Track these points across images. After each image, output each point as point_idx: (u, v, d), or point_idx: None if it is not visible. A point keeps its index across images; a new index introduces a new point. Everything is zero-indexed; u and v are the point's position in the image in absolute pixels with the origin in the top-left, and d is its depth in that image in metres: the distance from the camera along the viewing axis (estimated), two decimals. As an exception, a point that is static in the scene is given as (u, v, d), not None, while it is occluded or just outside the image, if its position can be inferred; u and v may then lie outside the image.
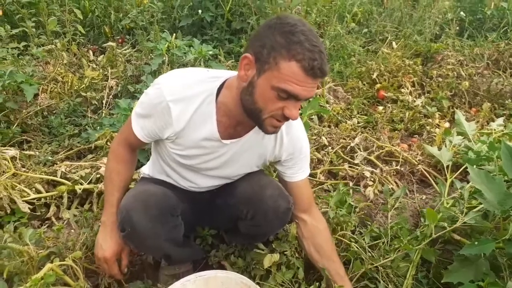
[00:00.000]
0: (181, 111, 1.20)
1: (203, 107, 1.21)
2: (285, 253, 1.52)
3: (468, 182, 1.82)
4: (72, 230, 1.73)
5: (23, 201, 1.76)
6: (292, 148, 1.37)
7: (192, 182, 1.44)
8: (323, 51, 1.05)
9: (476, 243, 1.34)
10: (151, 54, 3.00)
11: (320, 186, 2.08)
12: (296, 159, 1.41)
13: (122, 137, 1.40)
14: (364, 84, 3.17)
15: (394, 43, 3.66)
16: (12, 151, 2.09)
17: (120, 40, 3.64)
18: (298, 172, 1.43)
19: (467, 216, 1.44)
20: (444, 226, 1.48)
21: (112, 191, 1.39)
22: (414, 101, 2.90)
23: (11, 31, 3.02)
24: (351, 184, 2.12)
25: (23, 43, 3.10)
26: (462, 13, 4.47)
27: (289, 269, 1.50)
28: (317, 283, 1.40)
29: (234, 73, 1.23)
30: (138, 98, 2.47)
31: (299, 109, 1.42)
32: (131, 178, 1.47)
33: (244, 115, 1.19)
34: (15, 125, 2.42)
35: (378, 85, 3.10)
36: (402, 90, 3.05)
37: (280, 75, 1.04)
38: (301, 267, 1.51)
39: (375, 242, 1.60)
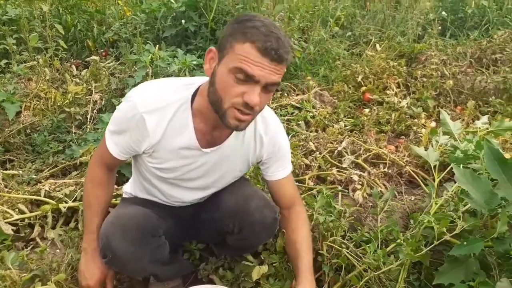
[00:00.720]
0: (156, 122, 1.19)
1: (179, 115, 1.20)
2: (273, 264, 1.50)
3: (455, 182, 1.82)
4: (58, 250, 1.69)
5: (6, 222, 1.71)
6: (272, 147, 1.36)
7: (174, 197, 1.42)
8: (282, 38, 1.06)
9: (465, 243, 1.34)
10: (134, 67, 2.98)
11: (309, 192, 2.07)
12: (276, 157, 1.39)
13: (98, 156, 1.37)
14: (349, 88, 3.17)
15: (378, 45, 3.69)
16: (-6, 172, 2.05)
17: (103, 54, 3.61)
18: (278, 169, 1.41)
19: (464, 221, 1.43)
20: (443, 231, 1.46)
21: (91, 217, 1.37)
22: (400, 102, 2.91)
23: (-8, 49, 2.99)
24: (339, 188, 2.11)
25: (4, 61, 3.07)
26: (443, 13, 4.52)
27: (278, 280, 1.48)
28: None
29: (206, 78, 1.21)
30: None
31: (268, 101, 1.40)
32: (109, 200, 1.45)
33: (213, 116, 1.17)
34: (-3, 144, 2.38)
35: (364, 88, 3.11)
36: (388, 91, 3.06)
37: (235, 56, 1.06)
38: (289, 278, 1.50)
39: (368, 247, 1.57)
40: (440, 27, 4.23)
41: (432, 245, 1.44)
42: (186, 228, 1.50)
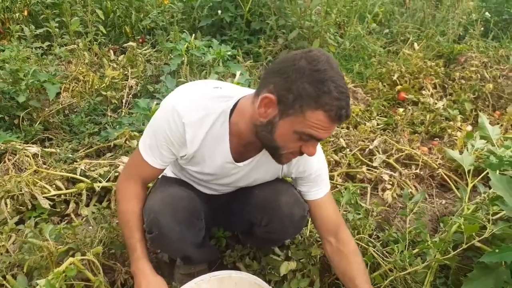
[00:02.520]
0: (194, 132, 1.18)
1: (216, 127, 1.19)
2: (301, 260, 1.51)
3: (490, 188, 1.77)
4: (90, 227, 1.76)
5: (43, 197, 1.80)
6: (302, 166, 1.34)
7: (208, 188, 1.45)
8: (348, 94, 1.04)
9: (497, 250, 1.30)
10: (170, 55, 3.03)
11: (337, 189, 2.06)
12: (307, 179, 1.37)
13: (132, 173, 1.34)
14: (384, 86, 3.12)
15: (415, 44, 3.60)
16: (34, 148, 2.15)
17: (140, 40, 3.68)
18: (312, 190, 1.38)
19: (495, 226, 1.39)
20: (472, 235, 1.43)
21: (131, 233, 1.32)
22: (436, 103, 2.84)
23: (35, 31, 3.10)
24: (369, 187, 2.09)
25: (47, 43, 3.18)
26: (487, 13, 4.35)
27: (304, 277, 1.50)
28: None
29: (246, 92, 1.22)
30: (157, 98, 2.55)
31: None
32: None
33: (254, 138, 1.18)
34: (38, 123, 2.48)
35: (399, 87, 3.05)
36: (423, 92, 2.99)
37: (305, 121, 1.04)
38: (317, 275, 1.51)
39: (396, 248, 1.55)
40: (482, 28, 4.07)
41: (461, 249, 1.41)
42: (216, 214, 1.52)
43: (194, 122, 1.17)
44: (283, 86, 1.04)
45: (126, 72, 3.00)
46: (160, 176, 1.47)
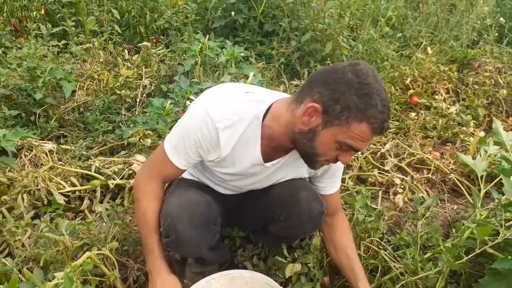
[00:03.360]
0: (229, 136, 1.21)
1: (249, 131, 1.22)
2: (307, 264, 1.52)
3: (503, 194, 1.76)
4: (104, 224, 1.78)
5: (59, 193, 1.83)
6: (327, 167, 1.38)
7: (226, 188, 1.47)
8: (390, 107, 1.09)
9: (509, 257, 1.30)
10: (184, 55, 3.06)
11: (348, 192, 2.06)
12: (330, 175, 1.43)
13: (154, 172, 1.34)
14: (396, 90, 3.11)
15: (429, 48, 3.58)
16: (50, 145, 2.19)
17: (154, 40, 3.72)
18: (328, 186, 1.45)
19: (508, 231, 1.38)
20: (485, 241, 1.42)
21: (150, 233, 1.33)
22: (448, 108, 2.82)
23: (52, 30, 3.14)
24: (380, 191, 2.09)
25: (63, 41, 3.22)
26: (502, 19, 4.31)
27: (309, 281, 1.52)
28: None
29: (278, 96, 1.25)
30: (171, 98, 2.58)
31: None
32: None
33: (287, 142, 1.22)
34: (53, 120, 2.52)
35: (411, 91, 3.03)
36: (436, 96, 2.97)
37: (348, 133, 1.08)
38: (321, 279, 1.53)
39: (408, 254, 1.55)
40: (496, 34, 4.03)
41: (473, 254, 1.40)
42: (231, 214, 1.53)
43: (228, 127, 1.19)
44: (330, 96, 1.07)
45: (140, 72, 3.03)
46: (178, 179, 1.48)
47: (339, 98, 1.06)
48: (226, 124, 1.19)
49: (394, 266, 1.51)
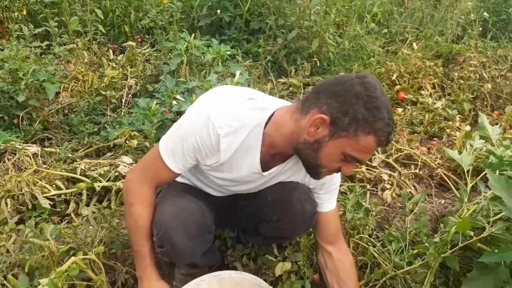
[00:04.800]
0: (229, 143, 1.19)
1: (251, 138, 1.20)
2: (297, 262, 1.52)
3: (489, 188, 1.77)
4: (91, 227, 1.76)
5: (44, 197, 1.80)
6: (323, 180, 1.36)
7: (219, 191, 1.45)
8: (393, 118, 1.11)
9: (496, 250, 1.31)
10: (170, 54, 3.03)
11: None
12: (325, 190, 1.41)
13: (147, 176, 1.30)
14: (383, 86, 3.12)
15: (414, 44, 3.60)
16: (34, 148, 2.15)
17: (139, 40, 3.68)
18: (325, 202, 1.43)
19: (494, 226, 1.40)
20: (470, 235, 1.44)
21: (142, 240, 1.31)
22: (434, 103, 2.85)
23: (34, 30, 3.09)
24: (368, 187, 2.10)
25: (46, 42, 3.17)
26: (485, 13, 4.36)
27: (299, 279, 1.52)
28: None
29: (280, 103, 1.24)
30: (157, 98, 2.55)
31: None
32: None
33: (288, 151, 1.22)
34: (37, 122, 2.47)
35: (398, 87, 3.05)
36: (422, 92, 2.99)
37: (355, 145, 1.09)
38: (311, 277, 1.53)
39: (396, 247, 1.57)
40: (481, 28, 4.08)
41: (457, 248, 1.42)
42: (223, 215, 1.51)
43: (230, 134, 1.17)
44: (339, 108, 1.07)
45: (126, 72, 2.99)
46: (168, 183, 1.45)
47: (348, 110, 1.06)
48: (227, 131, 1.17)
49: (383, 262, 1.52)
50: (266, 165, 1.28)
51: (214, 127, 1.16)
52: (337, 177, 1.41)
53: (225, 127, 1.16)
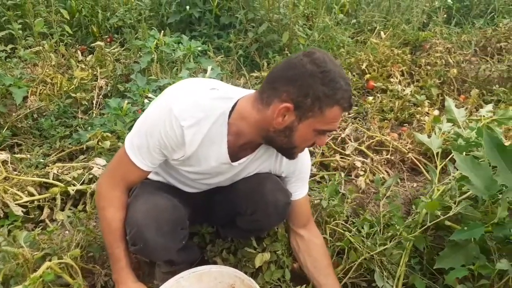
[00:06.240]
0: (194, 134, 1.18)
1: (215, 128, 1.20)
2: (276, 252, 1.54)
3: (457, 169, 1.84)
4: (67, 232, 1.73)
5: (16, 204, 1.76)
6: (293, 168, 1.40)
7: (192, 187, 1.45)
8: (349, 80, 1.15)
9: (465, 228, 1.37)
10: (140, 52, 3.00)
11: (312, 178, 2.10)
12: (296, 177, 1.44)
13: (116, 178, 1.29)
14: (353, 75, 3.18)
15: (382, 33, 3.67)
16: (3, 155, 2.08)
17: (108, 39, 3.62)
18: (297, 190, 1.45)
19: (459, 205, 1.46)
20: (437, 215, 1.49)
21: (116, 242, 1.30)
22: (404, 90, 2.92)
23: (-3, 34, 3.00)
24: (342, 174, 2.14)
25: (10, 46, 3.08)
26: (449, 0, 4.48)
27: (278, 269, 1.54)
28: (303, 286, 1.46)
29: (243, 92, 1.25)
30: (128, 97, 2.52)
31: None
32: None
33: (257, 140, 1.24)
34: (5, 128, 2.40)
35: (368, 76, 3.11)
36: (391, 79, 3.06)
37: (324, 120, 1.13)
38: (290, 264, 1.56)
39: (369, 230, 1.62)
40: (445, 15, 4.20)
41: (425, 227, 1.48)
42: (196, 210, 1.51)
43: (193, 125, 1.17)
44: (298, 93, 1.10)
45: (95, 73, 2.94)
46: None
47: (308, 91, 1.09)
48: (191, 122, 1.16)
49: (358, 246, 1.56)
50: (235, 155, 1.28)
51: (177, 119, 1.15)
52: (307, 165, 1.45)
53: (189, 118, 1.16)
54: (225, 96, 1.21)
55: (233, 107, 1.20)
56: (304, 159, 1.42)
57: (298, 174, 1.43)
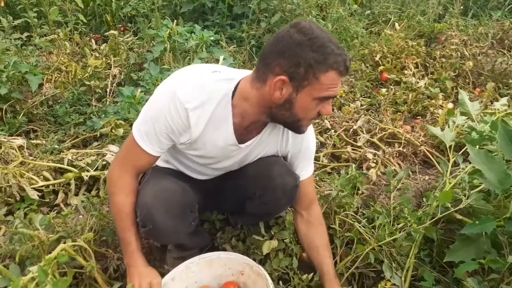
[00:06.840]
0: (198, 116, 1.19)
1: (219, 110, 1.21)
2: (284, 240, 1.55)
3: (470, 162, 1.82)
4: (81, 216, 1.77)
5: (31, 188, 1.80)
6: (298, 147, 1.40)
7: (202, 173, 1.46)
8: (342, 45, 1.13)
9: (477, 222, 1.36)
10: (153, 42, 3.02)
11: (323, 169, 2.10)
12: (300, 158, 1.43)
13: (127, 164, 1.31)
14: (367, 67, 3.15)
15: (397, 24, 3.62)
16: (19, 141, 2.13)
17: (122, 28, 3.64)
18: (303, 170, 1.45)
19: (470, 198, 1.45)
20: (447, 207, 1.49)
21: (127, 227, 1.32)
22: (417, 82, 2.88)
23: (14, 22, 3.04)
24: (353, 166, 2.13)
25: (26, 34, 3.12)
26: (466, -8, 4.40)
27: (286, 256, 1.55)
28: (311, 274, 1.47)
29: (244, 73, 1.25)
30: (142, 86, 2.55)
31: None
32: None
33: (263, 119, 1.24)
34: (21, 115, 2.45)
35: (381, 67, 3.08)
36: (405, 71, 3.03)
37: (321, 87, 1.11)
38: (299, 253, 1.57)
39: (379, 222, 1.61)
40: (462, 7, 4.12)
41: (435, 219, 1.47)
42: (208, 197, 1.53)
43: (197, 106, 1.18)
44: (290, 63, 1.09)
45: (109, 61, 2.97)
46: (152, 168, 1.46)
47: (299, 61, 1.08)
48: (195, 105, 1.18)
49: (367, 237, 1.56)
50: (242, 138, 1.29)
51: (181, 102, 1.17)
52: (313, 144, 1.44)
53: (192, 100, 1.17)
54: (227, 78, 1.23)
55: (235, 88, 1.22)
56: (310, 138, 1.42)
57: (304, 152, 1.42)
